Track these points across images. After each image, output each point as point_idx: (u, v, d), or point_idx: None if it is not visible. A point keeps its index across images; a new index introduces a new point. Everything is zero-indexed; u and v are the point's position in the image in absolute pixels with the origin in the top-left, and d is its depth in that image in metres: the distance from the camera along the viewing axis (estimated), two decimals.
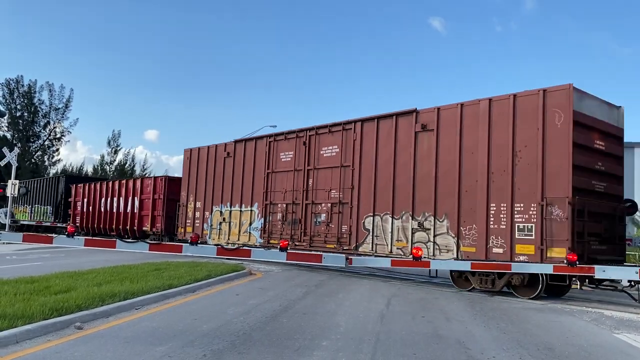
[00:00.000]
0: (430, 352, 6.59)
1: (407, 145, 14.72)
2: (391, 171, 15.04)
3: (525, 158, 12.22)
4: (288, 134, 18.66)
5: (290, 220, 17.92)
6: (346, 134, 16.57)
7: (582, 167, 11.86)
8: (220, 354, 6.03)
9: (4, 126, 62.26)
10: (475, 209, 12.95)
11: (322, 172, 17.15)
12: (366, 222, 15.62)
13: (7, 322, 6.38)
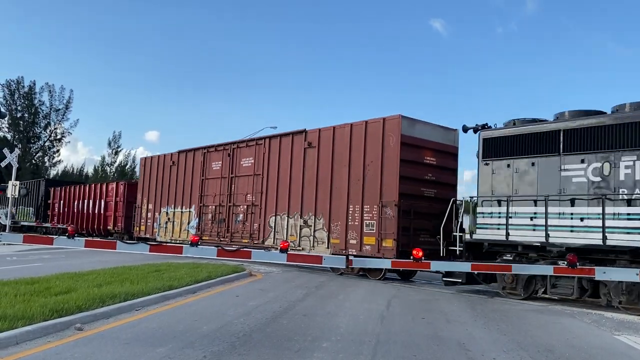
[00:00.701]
0: (431, 354, 6.59)
1: (298, 158, 17.95)
2: (288, 179, 18.24)
3: (371, 170, 15.49)
4: (217, 147, 21.88)
5: (218, 220, 21.02)
6: (258, 148, 19.81)
7: (411, 178, 15.02)
8: (220, 355, 6.02)
9: (5, 127, 62.37)
10: (340, 210, 16.25)
11: (242, 179, 20.32)
12: (270, 221, 18.79)
13: (7, 323, 6.37)
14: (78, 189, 32.91)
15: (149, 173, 25.64)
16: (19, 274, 11.61)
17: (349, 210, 15.96)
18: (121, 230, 28.52)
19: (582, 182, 11.50)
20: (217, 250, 7.44)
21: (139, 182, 26.66)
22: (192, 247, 6.87)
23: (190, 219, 22.50)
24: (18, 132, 62.75)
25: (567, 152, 11.76)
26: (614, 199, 10.89)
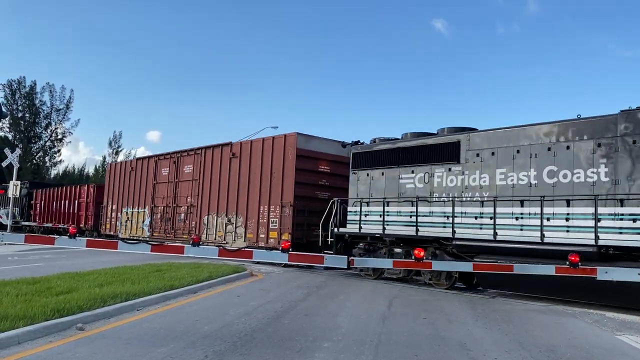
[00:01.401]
0: (432, 354, 6.58)
1: (225, 166, 21.24)
2: (217, 184, 21.47)
3: (276, 177, 18.83)
4: (166, 155, 25.18)
5: (165, 219, 24.17)
6: (196, 157, 22.98)
7: (306, 183, 18.30)
8: (221, 355, 6.02)
9: (6, 127, 62.41)
10: (254, 210, 19.53)
11: (184, 183, 23.51)
12: (204, 220, 21.92)
13: (9, 323, 6.38)
14: (56, 190, 35.45)
15: (114, 177, 28.85)
16: (21, 273, 11.62)
17: (260, 210, 19.34)
18: (91, 227, 31.33)
19: (411, 188, 14.86)
20: (218, 250, 7.43)
21: (105, 186, 29.80)
22: (194, 247, 6.86)
23: (144, 218, 25.72)
24: (19, 132, 62.79)
25: (403, 165, 15.11)
26: (430, 200, 14.25)
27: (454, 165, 13.99)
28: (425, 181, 14.50)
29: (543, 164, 12.26)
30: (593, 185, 11.47)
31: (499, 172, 13.06)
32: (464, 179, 13.71)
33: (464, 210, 13.54)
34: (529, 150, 12.57)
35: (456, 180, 13.88)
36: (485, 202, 13.10)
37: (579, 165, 11.70)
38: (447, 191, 13.97)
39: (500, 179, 13.02)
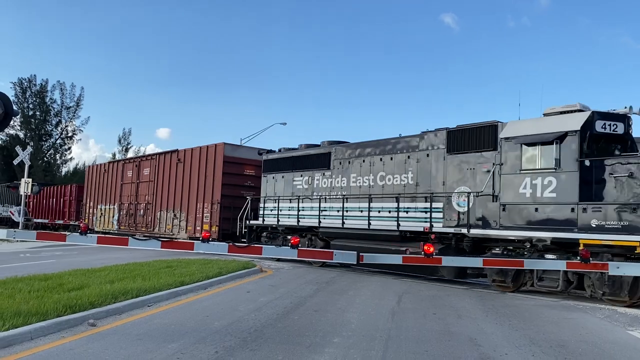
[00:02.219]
0: (442, 349, 6.57)
1: (174, 170, 24.98)
2: (167, 185, 25.22)
3: (209, 180, 22.48)
4: (130, 160, 30.33)
5: (129, 214, 27.97)
6: (153, 162, 26.82)
7: (232, 184, 21.97)
8: (232, 350, 6.05)
9: (17, 125, 62.87)
10: (193, 206, 23.17)
11: (143, 184, 27.29)
12: (157, 215, 25.69)
13: (21, 319, 6.44)
14: (49, 189, 38.62)
15: (91, 178, 32.62)
16: (33, 270, 11.73)
17: (197, 207, 22.89)
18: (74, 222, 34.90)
19: (300, 188, 18.81)
20: (227, 246, 7.46)
21: (85, 185, 33.60)
22: (203, 243, 6.90)
23: (114, 214, 29.37)
24: (30, 130, 63.26)
25: (295, 170, 19.12)
26: (311, 198, 18.15)
27: (326, 171, 18.00)
28: (309, 183, 18.57)
29: (377, 171, 16.23)
30: (404, 186, 15.31)
31: (352, 177, 17.03)
32: (332, 182, 17.70)
33: (331, 205, 17.42)
34: (369, 160, 16.53)
35: (327, 183, 17.87)
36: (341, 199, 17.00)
37: (397, 172, 15.59)
38: (322, 191, 17.95)
39: (352, 182, 17.00)
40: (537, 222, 12.00)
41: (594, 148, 11.83)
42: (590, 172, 11.44)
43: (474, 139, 13.65)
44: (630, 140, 12.26)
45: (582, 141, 11.50)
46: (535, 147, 12.14)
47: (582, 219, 11.23)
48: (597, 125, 11.75)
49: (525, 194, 12.23)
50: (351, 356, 6.04)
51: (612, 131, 11.84)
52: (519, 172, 12.35)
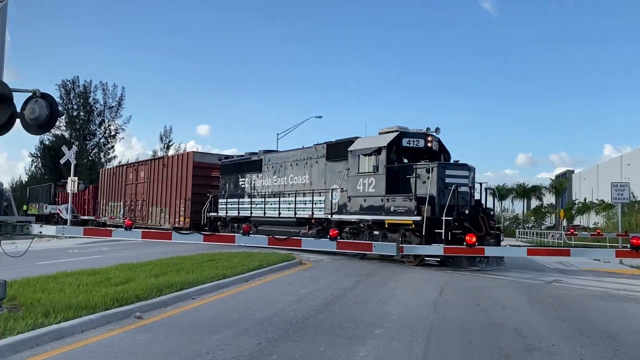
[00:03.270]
0: (486, 340, 6.46)
1: (161, 174, 30.19)
2: (156, 186, 30.55)
3: (183, 181, 27.81)
4: (131, 165, 35.78)
5: (131, 210, 33.34)
6: (147, 166, 32.41)
7: (201, 184, 26.85)
8: (274, 341, 6.11)
9: (62, 126, 64.98)
10: (173, 203, 28.50)
11: (140, 185, 32.69)
12: (150, 209, 31.02)
13: (72, 312, 6.66)
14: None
15: (104, 180, 38.13)
16: (81, 265, 12.12)
17: (176, 203, 28.32)
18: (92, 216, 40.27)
19: (244, 187, 23.93)
20: (267, 238, 7.52)
21: (99, 186, 39.25)
22: (244, 236, 6.96)
23: (120, 209, 34.80)
24: (75, 130, 65.31)
25: (240, 173, 24.31)
26: (250, 195, 23.42)
27: (259, 173, 23.04)
28: (249, 183, 23.62)
29: (288, 173, 21.41)
30: (303, 185, 20.41)
31: (273, 178, 22.16)
32: (262, 182, 22.79)
33: (259, 200, 22.56)
34: (284, 165, 21.62)
35: (259, 183, 22.96)
36: (262, 196, 22.46)
37: (299, 174, 20.67)
38: (256, 189, 23.10)
39: (273, 182, 22.11)
40: (366, 209, 17.06)
41: (402, 157, 16.95)
42: (392, 174, 16.32)
43: (339, 151, 18.65)
44: (437, 150, 17.19)
45: (389, 153, 16.42)
46: (364, 157, 17.11)
47: (386, 206, 16.21)
48: (403, 141, 16.73)
49: (360, 189, 17.24)
50: (393, 348, 6.01)
51: (415, 145, 16.90)
52: (357, 174, 17.36)
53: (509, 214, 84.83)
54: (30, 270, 10.80)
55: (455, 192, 14.88)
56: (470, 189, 15.90)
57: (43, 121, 6.95)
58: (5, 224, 6.82)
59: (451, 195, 14.76)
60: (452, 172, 15.73)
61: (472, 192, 15.95)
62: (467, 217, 14.97)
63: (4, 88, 6.69)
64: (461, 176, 15.80)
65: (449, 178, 15.51)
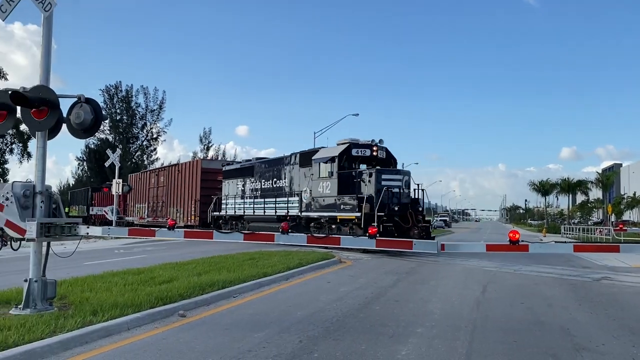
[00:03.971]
0: (532, 339, 6.29)
1: (176, 178, 33.56)
2: (173, 189, 34.02)
3: (193, 184, 31.15)
4: (153, 171, 39.93)
5: (153, 210, 36.84)
6: (165, 172, 36.19)
7: (208, 187, 29.88)
8: (315, 340, 6.11)
9: (107, 130, 66.92)
10: (186, 203, 31.83)
11: (160, 188, 36.14)
12: (168, 210, 34.10)
13: (118, 310, 6.85)
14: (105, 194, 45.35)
15: (132, 184, 40.11)
16: (127, 265, 12.46)
17: (188, 203, 31.74)
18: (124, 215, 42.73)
19: (240, 189, 26.90)
20: (306, 237, 7.53)
21: None
22: (283, 235, 6.99)
23: (145, 210, 38.32)
24: (118, 133, 67.16)
25: (237, 177, 27.27)
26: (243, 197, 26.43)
27: (251, 178, 26.11)
28: (244, 186, 26.68)
29: (272, 177, 24.50)
30: (283, 187, 23.44)
31: (261, 182, 25.30)
32: (253, 185, 25.85)
33: (250, 200, 25.77)
34: (269, 171, 24.78)
35: (251, 186, 26.00)
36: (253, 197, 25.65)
37: (280, 178, 23.85)
38: (250, 192, 26.09)
39: (261, 185, 25.27)
40: (324, 207, 20.59)
41: (352, 164, 20.43)
42: (342, 178, 19.91)
43: (307, 159, 21.88)
44: (384, 157, 20.72)
45: (340, 161, 20.04)
46: (323, 164, 20.64)
47: (338, 204, 19.85)
48: (352, 151, 20.28)
49: (320, 191, 20.81)
50: (435, 346, 5.92)
51: (362, 154, 20.40)
52: (318, 178, 20.91)
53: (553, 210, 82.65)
54: (78, 270, 11.17)
55: (387, 193, 18.32)
56: (401, 190, 19.10)
57: (88, 125, 7.17)
58: (54, 226, 7.06)
59: (383, 195, 18.14)
60: (388, 177, 19.10)
61: (403, 192, 19.14)
62: (397, 213, 18.28)
63: (50, 94, 6.93)
64: (395, 179, 19.19)
65: (384, 181, 18.77)
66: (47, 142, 7.15)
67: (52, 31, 7.17)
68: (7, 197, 6.84)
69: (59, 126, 7.23)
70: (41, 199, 6.98)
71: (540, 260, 16.15)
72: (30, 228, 6.77)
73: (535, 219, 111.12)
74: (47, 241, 7.06)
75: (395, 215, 18.17)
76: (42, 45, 7.15)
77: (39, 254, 6.97)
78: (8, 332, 5.50)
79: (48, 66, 7.12)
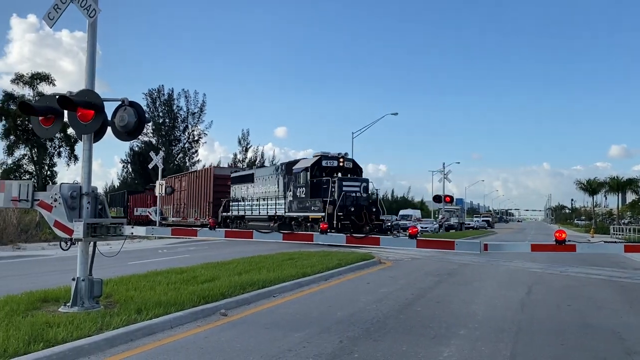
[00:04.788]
0: (580, 342, 6.08)
1: (195, 183, 37.58)
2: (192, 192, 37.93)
3: (208, 188, 35.45)
4: (177, 176, 43.23)
5: (177, 211, 40.42)
6: (186, 177, 40.27)
7: (219, 191, 34.24)
8: (355, 340, 6.07)
9: (150, 132, 68.57)
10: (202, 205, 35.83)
11: (182, 192, 39.73)
12: (188, 211, 37.97)
13: (162, 309, 6.98)
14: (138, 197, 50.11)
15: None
16: (170, 264, 12.71)
17: (203, 205, 35.37)
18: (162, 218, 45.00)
19: (244, 193, 31.07)
20: (345, 237, 7.48)
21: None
22: (322, 235, 6.97)
23: (170, 211, 41.66)
24: (161, 136, 68.71)
25: (241, 183, 31.67)
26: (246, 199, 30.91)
27: (252, 184, 30.22)
28: (246, 191, 30.79)
29: (267, 183, 28.57)
30: (274, 192, 27.52)
31: (259, 186, 29.27)
32: (254, 190, 29.89)
33: (250, 203, 30.02)
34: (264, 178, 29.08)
35: (252, 190, 30.00)
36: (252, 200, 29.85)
37: (272, 184, 27.91)
38: (250, 195, 30.18)
39: (259, 190, 29.20)
40: (301, 208, 24.83)
41: (322, 173, 24.55)
42: (314, 185, 24.22)
43: (290, 168, 26.23)
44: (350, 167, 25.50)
45: (311, 171, 24.45)
46: (299, 173, 25.15)
47: (309, 206, 23.99)
48: (322, 162, 24.73)
49: (298, 195, 25.16)
50: (478, 348, 5.80)
51: (331, 165, 24.89)
52: (296, 185, 25.39)
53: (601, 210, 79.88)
54: (123, 269, 11.47)
55: (346, 196, 23.13)
56: (359, 194, 23.85)
57: (132, 128, 7.34)
58: (100, 226, 7.26)
59: (342, 199, 22.85)
60: (348, 184, 23.88)
61: (360, 196, 23.83)
62: (354, 213, 22.90)
63: (95, 98, 7.13)
64: (354, 186, 24.04)
65: (345, 187, 23.47)
66: (93, 144, 7.36)
67: (96, 37, 7.38)
68: (55, 199, 7.07)
69: (104, 129, 7.43)
70: (87, 200, 7.18)
71: (588, 262, 15.64)
72: (78, 228, 6.97)
73: (582, 219, 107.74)
74: (93, 241, 7.26)
75: (352, 215, 22.71)
76: (87, 50, 7.37)
77: (86, 254, 7.18)
78: (57, 329, 5.69)
79: (93, 71, 7.33)
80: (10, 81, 47.92)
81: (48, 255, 17.41)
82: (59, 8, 7.15)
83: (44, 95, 9.48)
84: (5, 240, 21.74)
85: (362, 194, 23.78)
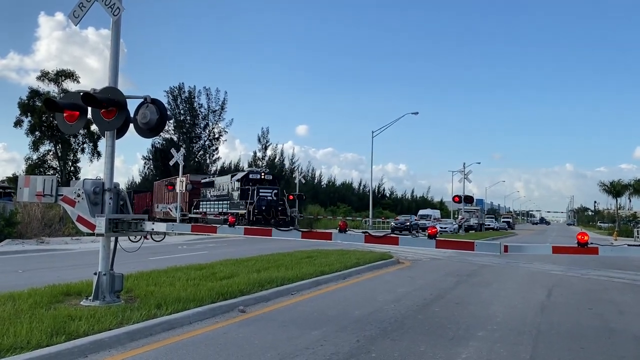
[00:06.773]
0: (601, 347, 5.98)
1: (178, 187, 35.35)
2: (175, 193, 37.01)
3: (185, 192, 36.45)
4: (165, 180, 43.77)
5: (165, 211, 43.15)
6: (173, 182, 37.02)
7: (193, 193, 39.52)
8: (373, 340, 6.07)
9: (171, 130, 69.21)
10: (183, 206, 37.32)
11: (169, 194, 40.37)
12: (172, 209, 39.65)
13: (181, 304, 7.05)
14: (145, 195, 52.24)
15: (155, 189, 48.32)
16: (189, 260, 12.83)
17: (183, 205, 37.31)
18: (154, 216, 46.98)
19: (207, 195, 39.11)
20: (364, 236, 7.47)
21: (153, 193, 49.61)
22: (341, 234, 6.97)
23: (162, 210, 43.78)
24: (182, 133, 69.25)
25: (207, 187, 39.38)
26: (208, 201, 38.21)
27: (213, 188, 37.44)
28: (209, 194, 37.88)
29: (225, 188, 35.36)
30: (224, 194, 35.27)
31: (217, 191, 36.69)
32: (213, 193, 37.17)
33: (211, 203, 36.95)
34: (222, 182, 36.64)
35: (213, 193, 37.30)
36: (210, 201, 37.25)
37: (223, 189, 35.94)
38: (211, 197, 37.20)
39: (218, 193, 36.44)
40: (234, 207, 32.33)
41: (249, 183, 32.35)
42: (242, 191, 32.30)
43: (232, 178, 34.44)
44: (270, 179, 34.52)
45: (242, 182, 33.11)
46: (236, 182, 33.53)
47: (239, 205, 32.08)
48: (250, 175, 33.81)
49: (235, 198, 33.04)
50: (497, 350, 5.74)
51: (255, 177, 33.46)
52: (234, 189, 33.48)
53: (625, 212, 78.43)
54: (143, 264, 11.61)
55: (260, 199, 30.93)
56: (270, 197, 31.66)
57: (153, 125, 7.42)
58: (121, 221, 7.36)
59: (257, 200, 30.67)
60: (263, 189, 31.76)
61: (272, 199, 31.61)
62: (265, 211, 30.42)
63: (118, 95, 7.23)
64: (267, 192, 31.81)
65: (261, 192, 31.34)
66: (116, 141, 7.47)
67: (120, 35, 7.48)
68: (79, 194, 7.19)
69: (126, 126, 7.52)
70: (110, 196, 7.29)
71: (610, 265, 15.39)
72: (100, 223, 7.09)
73: (605, 222, 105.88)
74: (115, 236, 7.37)
75: (263, 212, 30.53)
76: (110, 48, 7.47)
77: (107, 249, 7.29)
78: (79, 322, 5.79)
79: (116, 68, 7.44)
80: (36, 78, 48.89)
81: (71, 250, 17.72)
82: (84, 6, 7.26)
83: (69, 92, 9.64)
84: (29, 234, 22.20)
85: (273, 197, 32.00)
